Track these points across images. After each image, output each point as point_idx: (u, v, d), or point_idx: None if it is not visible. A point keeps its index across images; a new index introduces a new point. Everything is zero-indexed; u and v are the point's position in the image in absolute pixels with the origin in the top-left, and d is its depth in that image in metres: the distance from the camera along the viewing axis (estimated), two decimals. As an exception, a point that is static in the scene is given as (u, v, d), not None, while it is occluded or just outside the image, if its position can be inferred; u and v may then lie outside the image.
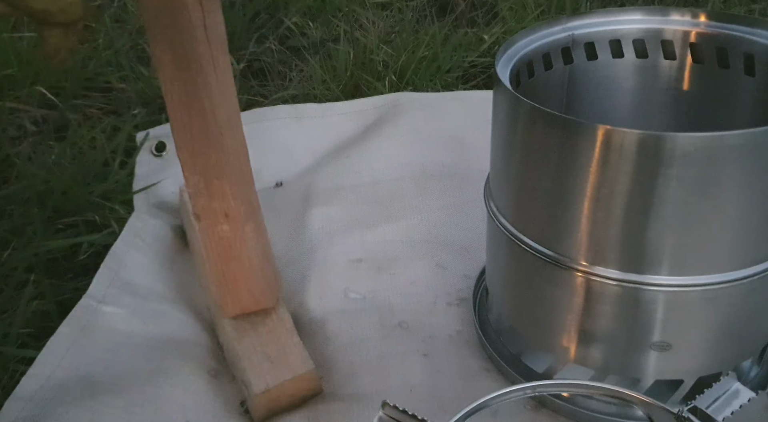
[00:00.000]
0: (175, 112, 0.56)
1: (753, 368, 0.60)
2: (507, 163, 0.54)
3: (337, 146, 0.95)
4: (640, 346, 0.52)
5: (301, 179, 0.90)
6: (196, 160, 0.58)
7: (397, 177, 0.86)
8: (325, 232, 0.79)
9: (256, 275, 0.63)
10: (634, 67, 0.62)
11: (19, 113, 1.03)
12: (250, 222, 0.61)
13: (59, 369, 0.61)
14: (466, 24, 1.28)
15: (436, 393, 0.60)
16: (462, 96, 1.02)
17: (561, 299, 0.53)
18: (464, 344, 0.65)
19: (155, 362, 0.63)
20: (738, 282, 0.49)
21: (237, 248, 0.62)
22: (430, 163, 0.88)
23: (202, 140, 0.57)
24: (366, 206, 0.82)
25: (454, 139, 0.92)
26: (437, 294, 0.71)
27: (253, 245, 0.62)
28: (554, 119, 0.48)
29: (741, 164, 0.45)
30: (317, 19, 1.33)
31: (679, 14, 0.60)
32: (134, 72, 1.13)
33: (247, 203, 0.61)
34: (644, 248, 0.48)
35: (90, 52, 1.17)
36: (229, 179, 0.59)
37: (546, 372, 0.59)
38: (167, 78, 0.55)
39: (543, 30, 0.59)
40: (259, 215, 0.64)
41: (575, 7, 1.31)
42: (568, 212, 0.50)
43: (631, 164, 0.45)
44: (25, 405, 0.57)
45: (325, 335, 0.66)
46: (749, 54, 0.57)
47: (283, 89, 1.11)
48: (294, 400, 0.60)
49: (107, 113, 1.07)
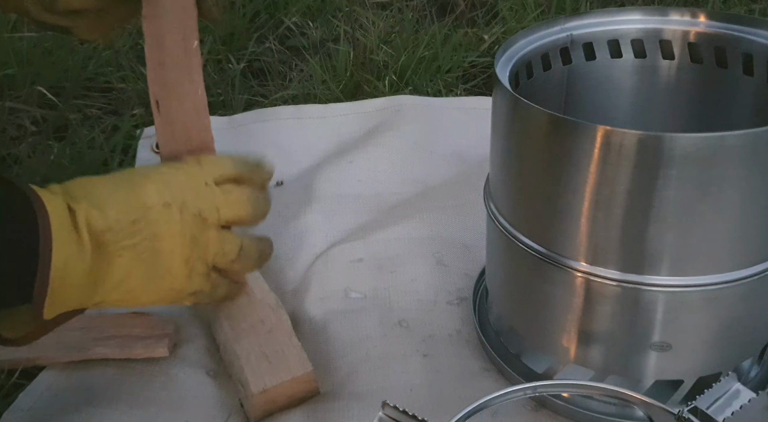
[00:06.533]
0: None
1: (753, 368, 0.60)
2: (506, 164, 0.54)
3: (339, 148, 0.95)
4: (640, 346, 0.52)
5: (302, 178, 0.90)
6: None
7: (399, 191, 0.86)
8: (326, 232, 0.79)
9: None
10: (632, 67, 0.62)
11: (19, 113, 1.03)
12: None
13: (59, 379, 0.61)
14: (466, 24, 1.28)
15: (436, 393, 0.60)
16: (465, 104, 1.02)
17: (561, 300, 0.53)
18: (464, 344, 0.65)
19: (153, 363, 0.63)
20: (738, 282, 0.49)
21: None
22: (432, 179, 0.88)
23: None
24: (368, 214, 0.83)
25: (456, 156, 0.92)
26: (437, 293, 0.71)
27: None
28: (554, 120, 0.48)
29: (741, 164, 0.45)
30: (317, 19, 1.33)
31: (678, 14, 0.60)
32: (134, 72, 1.13)
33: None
34: (644, 248, 0.48)
35: (90, 52, 1.17)
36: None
37: (546, 373, 0.59)
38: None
39: (542, 30, 0.59)
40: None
41: (575, 7, 1.31)
42: (568, 212, 0.50)
43: (630, 164, 0.45)
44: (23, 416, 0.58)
45: (325, 335, 0.66)
46: (748, 54, 0.57)
47: (283, 89, 1.11)
48: (291, 401, 0.60)
49: (107, 112, 1.07)
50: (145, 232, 0.53)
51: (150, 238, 0.53)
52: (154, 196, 0.54)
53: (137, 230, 0.52)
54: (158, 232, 0.53)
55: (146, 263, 0.53)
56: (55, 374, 0.62)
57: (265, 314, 0.65)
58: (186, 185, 0.56)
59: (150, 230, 0.53)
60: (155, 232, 0.53)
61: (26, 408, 0.58)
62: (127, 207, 0.52)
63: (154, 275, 0.54)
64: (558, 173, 0.49)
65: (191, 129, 0.62)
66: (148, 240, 0.53)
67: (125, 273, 0.52)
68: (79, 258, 0.49)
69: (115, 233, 0.51)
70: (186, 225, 0.55)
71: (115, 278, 0.52)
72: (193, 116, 0.62)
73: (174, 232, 0.54)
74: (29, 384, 0.61)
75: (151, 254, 0.53)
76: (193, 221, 0.55)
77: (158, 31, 0.60)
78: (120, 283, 0.52)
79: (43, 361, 0.63)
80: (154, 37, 0.60)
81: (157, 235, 0.53)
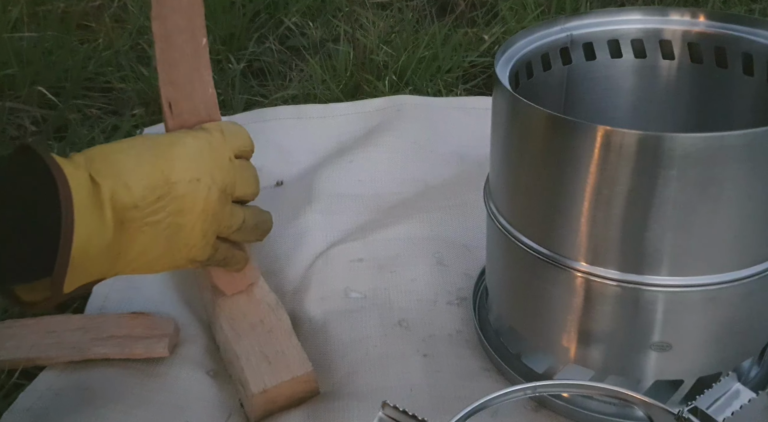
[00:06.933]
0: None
1: (753, 368, 0.60)
2: (506, 164, 0.54)
3: (339, 148, 0.95)
4: (640, 346, 0.52)
5: (302, 179, 0.90)
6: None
7: (399, 191, 0.86)
8: (326, 232, 0.79)
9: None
10: (632, 67, 0.62)
11: (19, 113, 1.03)
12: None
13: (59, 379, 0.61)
14: (466, 24, 1.28)
15: (436, 393, 0.60)
16: (465, 104, 1.02)
17: (561, 300, 0.53)
18: (464, 344, 0.65)
19: (153, 363, 0.63)
20: (738, 282, 0.49)
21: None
22: (432, 178, 0.88)
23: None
24: (367, 214, 0.82)
25: (456, 155, 0.92)
26: (437, 293, 0.71)
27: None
28: (553, 120, 0.48)
29: (741, 164, 0.45)
30: (317, 19, 1.33)
31: (678, 14, 0.60)
32: (134, 72, 1.13)
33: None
34: (644, 248, 0.48)
35: (90, 52, 1.17)
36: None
37: (546, 372, 0.59)
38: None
39: (542, 30, 0.59)
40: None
41: (575, 7, 1.30)
42: (568, 212, 0.50)
43: (630, 164, 0.45)
44: (23, 416, 0.58)
45: (325, 335, 0.66)
46: (748, 54, 0.57)
47: (283, 89, 1.11)
48: (291, 401, 0.60)
49: (107, 113, 1.07)
50: (170, 208, 0.52)
51: (174, 213, 0.53)
52: (181, 171, 0.53)
53: (162, 207, 0.52)
54: (183, 207, 0.53)
55: (167, 238, 0.53)
56: (55, 374, 0.62)
57: (265, 315, 0.65)
58: (213, 159, 0.56)
59: (175, 206, 0.53)
60: (180, 207, 0.53)
61: (26, 408, 0.58)
62: (153, 182, 0.52)
63: (172, 248, 0.54)
64: (558, 173, 0.49)
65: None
66: (171, 216, 0.53)
67: (145, 247, 0.52)
68: (101, 234, 0.48)
69: (141, 210, 0.51)
70: (210, 202, 0.55)
71: (135, 252, 0.52)
72: (205, 115, 0.62)
73: (198, 208, 0.54)
74: (29, 384, 0.61)
75: (173, 229, 0.53)
76: (218, 197, 0.56)
77: (168, 30, 0.59)
78: (139, 256, 0.52)
79: (43, 361, 0.63)
80: (164, 37, 0.59)
81: (182, 210, 0.53)
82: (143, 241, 0.52)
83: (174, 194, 0.53)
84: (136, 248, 0.52)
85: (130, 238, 0.51)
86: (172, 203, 0.53)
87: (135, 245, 0.51)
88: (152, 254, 0.53)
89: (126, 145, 0.53)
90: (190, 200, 0.54)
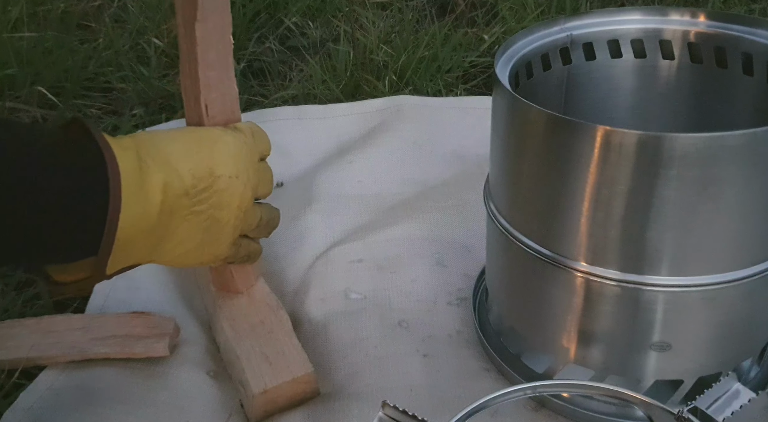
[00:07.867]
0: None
1: (753, 368, 0.60)
2: (506, 164, 0.54)
3: (339, 148, 0.95)
4: (640, 346, 0.52)
5: (302, 179, 0.90)
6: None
7: (399, 192, 0.86)
8: (326, 233, 0.79)
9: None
10: (632, 67, 0.62)
11: (19, 113, 1.03)
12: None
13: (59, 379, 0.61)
14: (466, 24, 1.28)
15: (436, 393, 0.60)
16: (465, 104, 1.02)
17: (561, 300, 0.53)
18: (464, 344, 0.65)
19: (153, 362, 0.63)
20: (738, 282, 0.49)
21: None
22: (432, 179, 0.88)
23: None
24: (367, 215, 0.82)
25: (456, 156, 0.92)
26: (437, 293, 0.71)
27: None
28: (553, 120, 0.48)
29: (741, 164, 0.45)
30: (317, 19, 1.33)
31: (678, 14, 0.60)
32: (134, 72, 1.13)
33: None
34: (644, 248, 0.48)
35: (90, 52, 1.17)
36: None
37: (546, 373, 0.59)
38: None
39: (541, 30, 0.59)
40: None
41: (575, 7, 1.30)
42: (568, 212, 0.50)
43: (630, 164, 0.45)
44: (24, 415, 0.58)
45: (325, 335, 0.66)
46: (748, 54, 0.57)
47: (283, 89, 1.11)
48: (291, 401, 0.60)
49: (107, 113, 1.07)
50: (212, 200, 0.54)
51: (214, 207, 0.54)
52: (223, 166, 0.55)
53: (206, 198, 0.53)
54: (221, 202, 0.55)
55: (205, 230, 0.54)
56: (55, 374, 0.62)
57: (265, 315, 0.65)
58: (248, 159, 0.58)
59: (216, 199, 0.54)
60: (219, 201, 0.54)
61: (26, 408, 0.58)
62: (201, 173, 0.53)
63: (206, 242, 0.55)
64: (558, 173, 0.49)
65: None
66: (212, 208, 0.54)
67: (185, 237, 0.53)
68: (145, 218, 0.49)
69: (190, 198, 0.52)
70: (245, 199, 0.57)
71: (176, 241, 0.53)
72: (231, 114, 0.62)
73: (234, 204, 0.56)
74: (29, 384, 0.61)
75: (211, 222, 0.55)
76: (250, 195, 0.57)
77: (208, 32, 0.58)
78: (177, 245, 0.53)
79: (43, 361, 0.63)
80: (205, 39, 0.58)
81: (221, 204, 0.55)
82: (186, 229, 0.53)
83: (216, 188, 0.54)
84: (177, 236, 0.53)
85: (176, 225, 0.52)
86: (214, 196, 0.54)
87: (178, 232, 0.52)
88: (188, 246, 0.54)
89: (172, 135, 0.55)
90: (229, 196, 0.55)
